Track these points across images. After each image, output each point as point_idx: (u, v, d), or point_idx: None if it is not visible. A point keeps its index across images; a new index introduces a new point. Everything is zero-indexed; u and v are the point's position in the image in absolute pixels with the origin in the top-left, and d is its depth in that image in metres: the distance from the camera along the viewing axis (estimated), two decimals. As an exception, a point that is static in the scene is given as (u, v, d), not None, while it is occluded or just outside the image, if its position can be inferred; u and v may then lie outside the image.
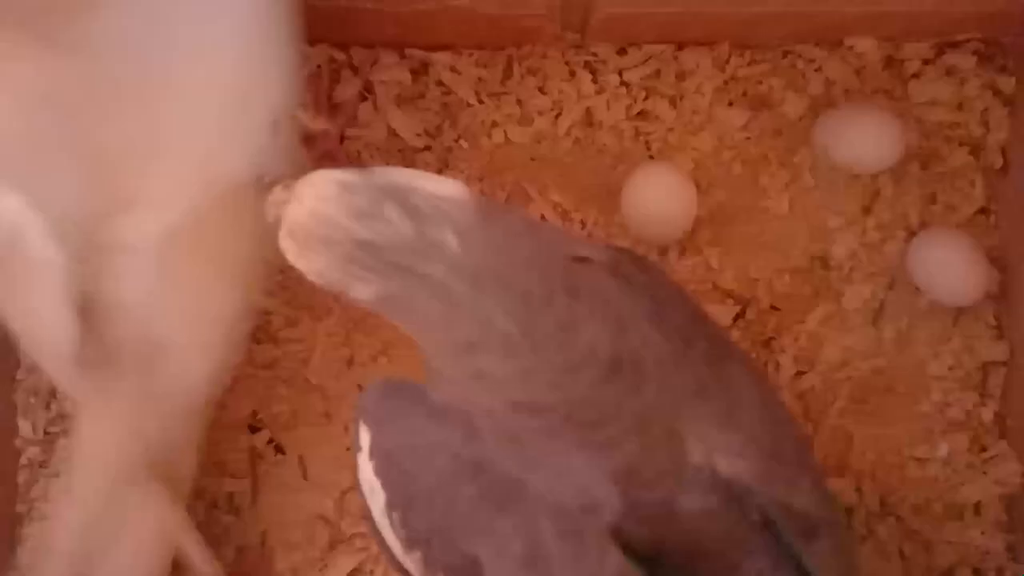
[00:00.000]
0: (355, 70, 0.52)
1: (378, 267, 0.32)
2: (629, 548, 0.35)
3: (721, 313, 0.51)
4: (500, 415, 0.35)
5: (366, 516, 0.38)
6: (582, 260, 0.36)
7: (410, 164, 0.52)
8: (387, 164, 0.52)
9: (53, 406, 0.51)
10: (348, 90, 0.52)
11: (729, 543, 0.37)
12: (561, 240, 0.38)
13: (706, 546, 0.37)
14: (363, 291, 0.32)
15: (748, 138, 0.53)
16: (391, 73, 0.52)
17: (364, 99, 0.52)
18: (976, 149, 0.53)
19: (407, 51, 0.53)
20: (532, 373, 0.33)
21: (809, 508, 0.38)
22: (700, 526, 0.36)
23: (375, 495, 0.38)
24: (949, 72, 0.53)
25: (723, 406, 0.37)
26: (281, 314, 0.51)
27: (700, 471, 0.36)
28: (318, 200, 0.32)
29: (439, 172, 0.52)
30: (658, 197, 0.49)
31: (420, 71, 0.53)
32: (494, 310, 0.32)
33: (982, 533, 0.50)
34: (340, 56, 0.52)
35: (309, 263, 0.33)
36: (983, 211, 0.53)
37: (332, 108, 0.52)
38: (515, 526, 0.36)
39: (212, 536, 0.49)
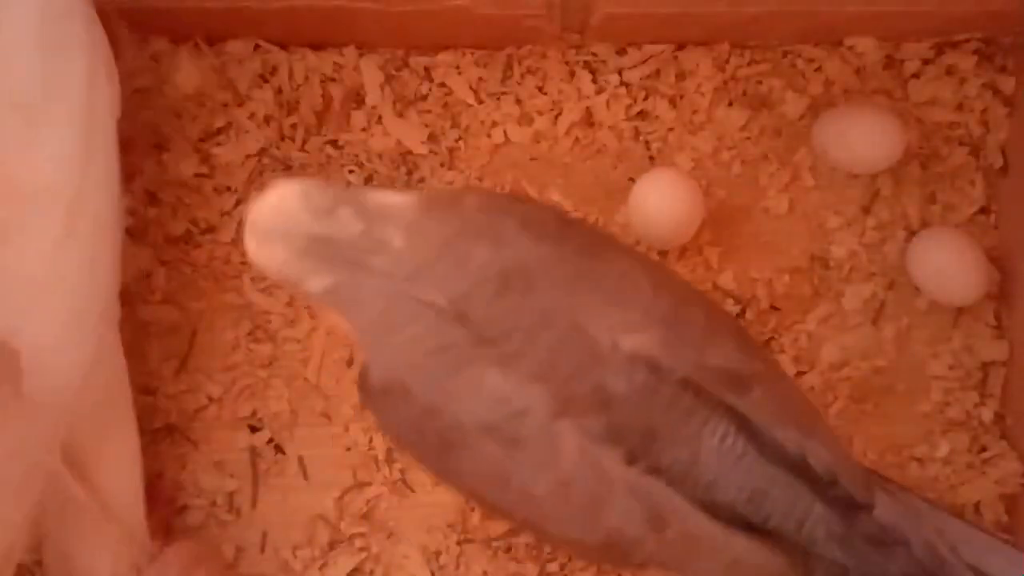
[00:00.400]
0: (352, 71, 0.52)
1: (330, 260, 0.36)
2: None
3: (721, 313, 0.51)
4: (422, 364, 0.38)
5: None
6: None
7: (410, 166, 0.52)
8: (387, 166, 0.52)
9: None
10: (343, 92, 0.52)
11: (678, 415, 0.38)
12: (449, 196, 0.41)
13: (659, 424, 0.37)
14: (316, 283, 0.37)
15: (748, 138, 0.53)
16: (390, 74, 0.52)
17: (361, 102, 0.52)
18: (976, 149, 0.53)
19: (406, 51, 0.53)
20: (442, 312, 0.37)
21: (730, 364, 0.38)
22: (641, 405, 0.37)
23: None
24: (949, 72, 0.53)
25: (610, 287, 0.39)
26: (280, 314, 0.51)
27: (614, 352, 0.37)
28: (280, 198, 0.37)
29: (440, 172, 0.52)
30: (667, 203, 0.48)
31: (420, 71, 0.53)
32: (431, 295, 0.37)
33: (982, 533, 0.50)
34: (338, 58, 0.52)
35: (268, 257, 0.37)
36: (983, 211, 0.52)
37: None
38: (471, 459, 0.38)
39: (212, 536, 0.50)
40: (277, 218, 0.37)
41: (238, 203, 0.51)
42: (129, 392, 0.46)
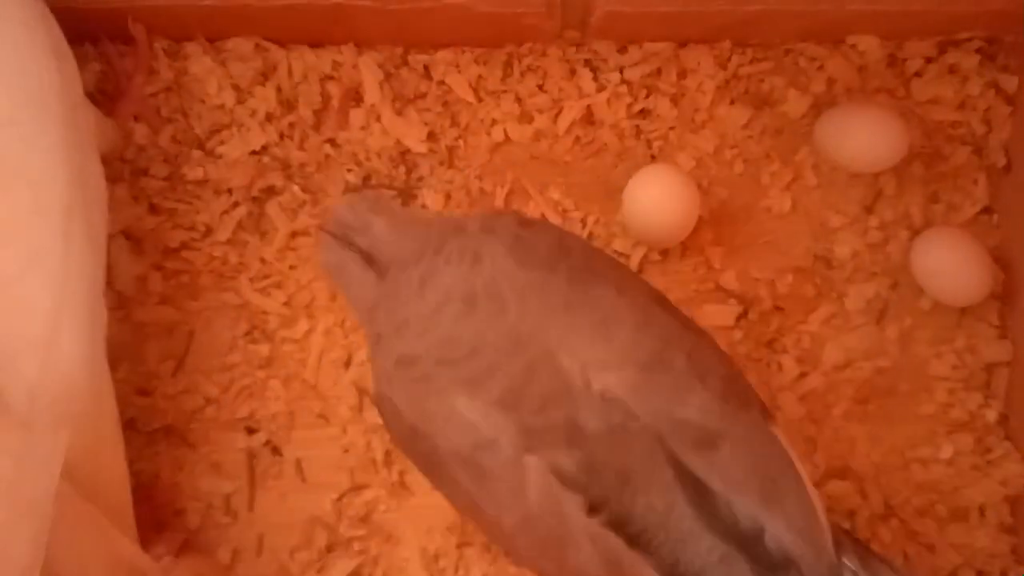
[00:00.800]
0: (351, 69, 0.52)
1: (339, 239, 0.42)
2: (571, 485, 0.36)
3: (724, 314, 0.51)
4: (394, 375, 0.39)
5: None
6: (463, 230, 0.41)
7: (410, 164, 0.52)
8: (386, 164, 0.52)
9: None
10: (341, 91, 0.52)
11: (654, 462, 0.36)
12: (453, 221, 0.43)
13: (633, 468, 0.36)
14: (327, 259, 0.43)
15: (750, 137, 0.52)
16: (389, 72, 0.52)
17: (360, 100, 0.52)
18: (979, 148, 0.52)
19: (406, 50, 0.52)
20: (403, 326, 0.38)
21: (701, 419, 0.36)
22: (616, 445, 0.36)
23: None
24: (951, 70, 0.53)
25: (591, 321, 0.37)
26: (278, 314, 0.50)
27: (587, 388, 0.36)
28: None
29: (439, 171, 0.52)
30: (660, 200, 0.48)
31: (419, 69, 0.52)
32: (393, 279, 0.40)
33: (986, 535, 0.50)
34: (337, 56, 0.52)
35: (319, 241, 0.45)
36: (986, 210, 0.52)
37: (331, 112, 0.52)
38: (445, 483, 0.39)
39: (209, 538, 0.49)
40: (331, 216, 0.43)
41: (236, 204, 0.51)
42: (114, 398, 0.46)
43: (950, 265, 0.50)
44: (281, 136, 0.51)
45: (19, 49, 0.39)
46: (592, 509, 0.36)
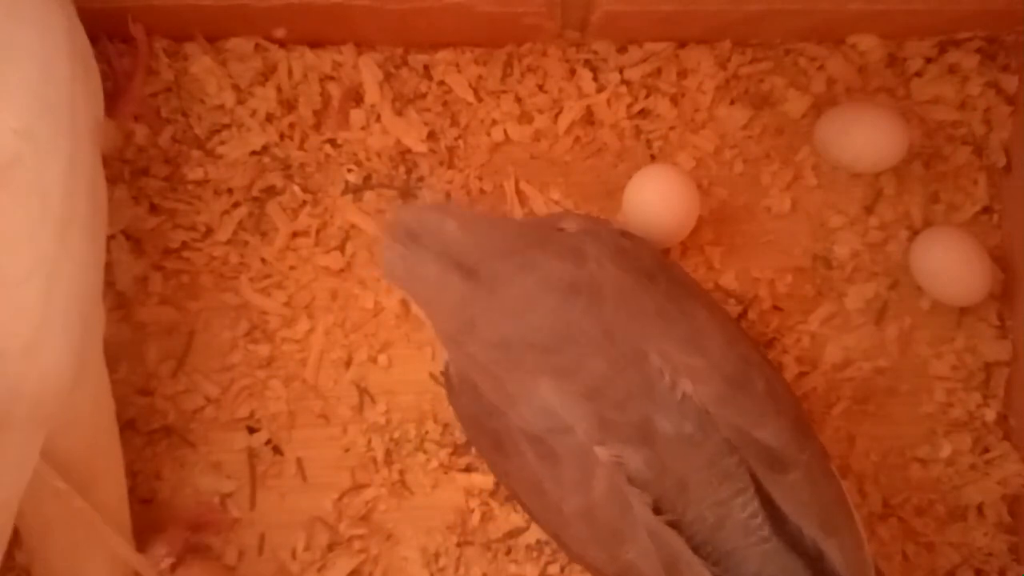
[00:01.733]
0: (351, 69, 0.52)
1: (404, 241, 0.41)
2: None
3: (722, 313, 0.51)
4: (482, 359, 0.40)
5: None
6: (560, 230, 0.43)
7: (410, 164, 0.52)
8: (386, 164, 0.52)
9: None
10: (342, 91, 0.52)
11: (713, 477, 0.38)
12: (546, 220, 0.45)
13: (693, 480, 0.38)
14: (392, 264, 0.42)
15: (750, 137, 0.52)
16: (389, 72, 0.52)
17: (360, 100, 0.52)
18: (979, 148, 0.52)
19: (406, 50, 0.52)
20: (502, 310, 0.39)
21: (776, 444, 0.38)
22: (681, 454, 0.38)
23: None
24: (952, 70, 0.53)
25: (684, 332, 0.39)
26: (278, 314, 0.50)
27: (671, 391, 0.38)
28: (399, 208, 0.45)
29: (439, 171, 0.51)
30: (660, 200, 0.48)
31: (419, 69, 0.52)
32: (491, 271, 0.40)
33: (985, 534, 0.50)
34: (337, 56, 0.52)
35: (379, 250, 0.45)
36: (986, 210, 0.52)
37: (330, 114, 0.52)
38: (514, 464, 0.40)
39: (209, 539, 0.49)
40: (390, 222, 0.43)
41: (236, 204, 0.51)
42: (111, 399, 0.46)
43: (950, 265, 0.50)
44: (281, 136, 0.51)
45: (46, 61, 0.39)
46: (656, 509, 0.38)
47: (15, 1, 0.39)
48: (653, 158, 0.52)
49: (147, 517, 0.48)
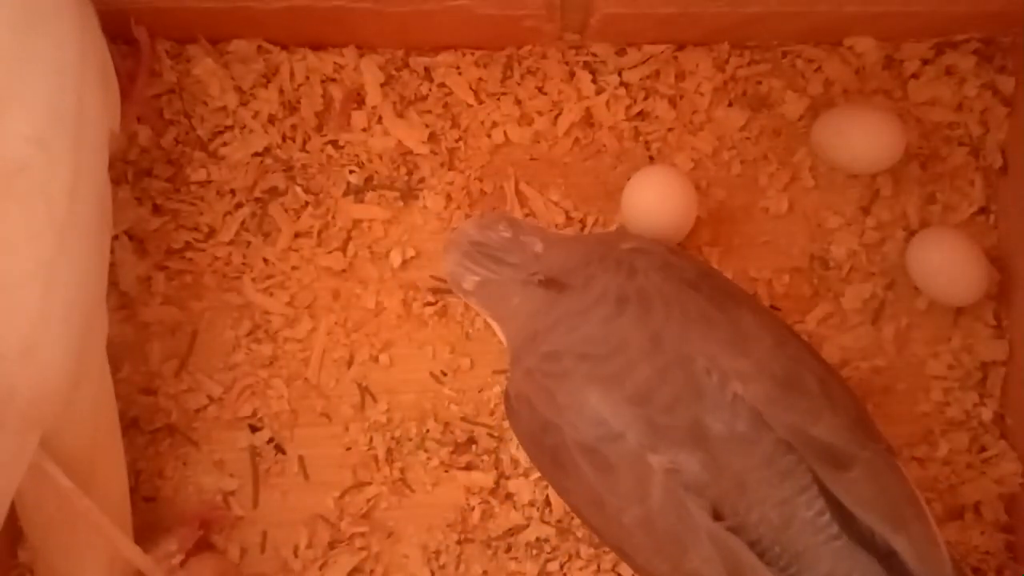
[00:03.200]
0: (352, 71, 0.52)
1: (481, 260, 0.44)
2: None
3: (721, 313, 0.51)
4: (536, 371, 0.41)
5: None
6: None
7: (411, 166, 0.52)
8: (387, 166, 0.52)
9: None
10: (343, 93, 0.52)
11: (773, 475, 0.38)
12: (608, 236, 0.48)
13: (751, 479, 0.38)
14: (469, 281, 0.44)
15: (747, 138, 0.53)
16: (390, 74, 0.52)
17: (362, 102, 0.52)
18: (975, 149, 0.53)
19: (407, 52, 0.53)
20: (556, 323, 0.41)
21: (834, 440, 0.38)
22: (737, 453, 0.38)
23: None
24: (948, 72, 0.53)
25: (730, 335, 0.40)
26: (281, 314, 0.51)
27: (720, 391, 0.38)
28: (463, 222, 0.46)
29: (440, 172, 0.52)
30: (659, 200, 0.48)
31: (420, 72, 0.53)
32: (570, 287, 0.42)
33: (982, 533, 0.50)
34: (338, 58, 0.52)
35: (445, 262, 0.46)
36: (982, 211, 0.53)
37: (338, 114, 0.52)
38: (572, 479, 0.40)
39: (213, 536, 0.50)
40: (454, 233, 0.45)
41: (239, 205, 0.51)
42: (114, 402, 0.46)
43: (947, 265, 0.50)
44: (283, 138, 0.52)
45: (61, 71, 0.40)
46: (717, 512, 0.37)
47: (36, 13, 0.39)
48: (651, 159, 0.52)
49: (150, 515, 0.49)
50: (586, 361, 0.40)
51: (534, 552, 0.49)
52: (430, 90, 0.52)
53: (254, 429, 0.50)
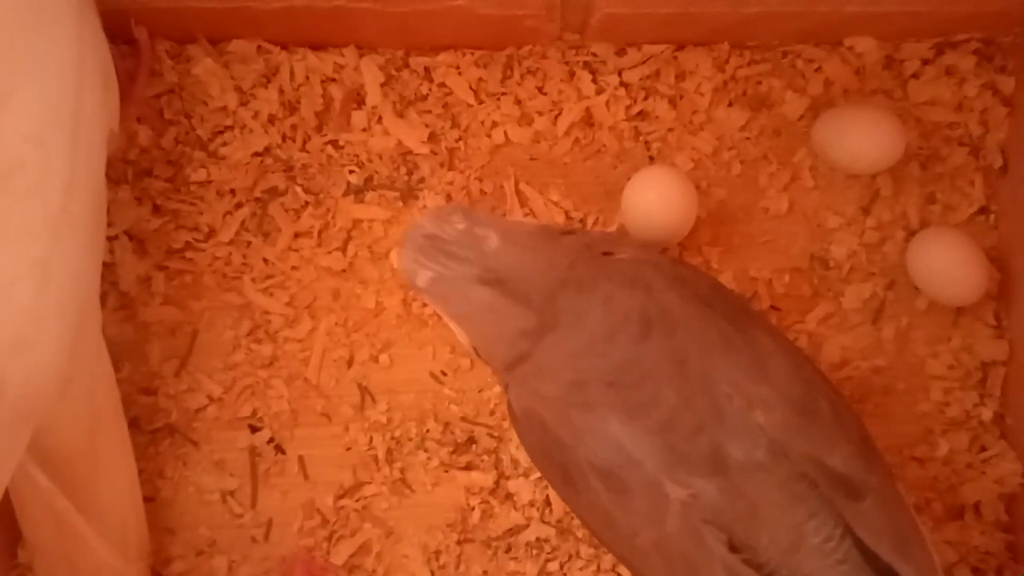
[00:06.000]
0: (352, 71, 0.52)
1: (434, 255, 0.40)
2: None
3: (721, 313, 0.51)
4: (550, 396, 0.40)
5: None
6: (608, 255, 0.42)
7: (411, 166, 0.52)
8: (387, 166, 0.52)
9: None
10: (343, 93, 0.52)
11: (785, 499, 0.38)
12: (595, 244, 0.43)
13: (764, 503, 0.37)
14: (422, 277, 0.41)
15: (747, 138, 0.53)
16: (390, 74, 0.52)
17: (362, 102, 0.52)
18: (976, 149, 0.53)
19: (407, 52, 0.53)
20: (579, 353, 0.39)
21: (848, 471, 0.38)
22: (753, 479, 0.37)
23: None
24: (948, 72, 0.53)
25: (749, 360, 0.39)
26: (280, 314, 0.51)
27: (741, 417, 0.38)
28: (419, 216, 0.44)
29: (440, 172, 0.52)
30: (659, 201, 0.48)
31: (420, 71, 0.53)
32: (527, 296, 0.40)
33: (982, 533, 0.50)
34: (338, 58, 0.52)
35: (398, 257, 0.43)
36: (983, 211, 0.53)
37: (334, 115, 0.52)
38: (584, 497, 0.40)
39: (212, 535, 0.50)
40: (410, 228, 0.42)
41: (239, 205, 0.51)
42: (119, 401, 0.46)
43: (947, 265, 0.50)
44: (283, 138, 0.52)
45: (61, 71, 0.40)
46: (730, 536, 0.37)
47: (33, 11, 0.39)
48: (652, 159, 0.52)
49: (150, 515, 0.49)
50: (613, 389, 0.39)
51: (534, 552, 0.49)
52: (430, 90, 0.52)
53: (254, 429, 0.50)
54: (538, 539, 0.49)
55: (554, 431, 0.40)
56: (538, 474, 0.49)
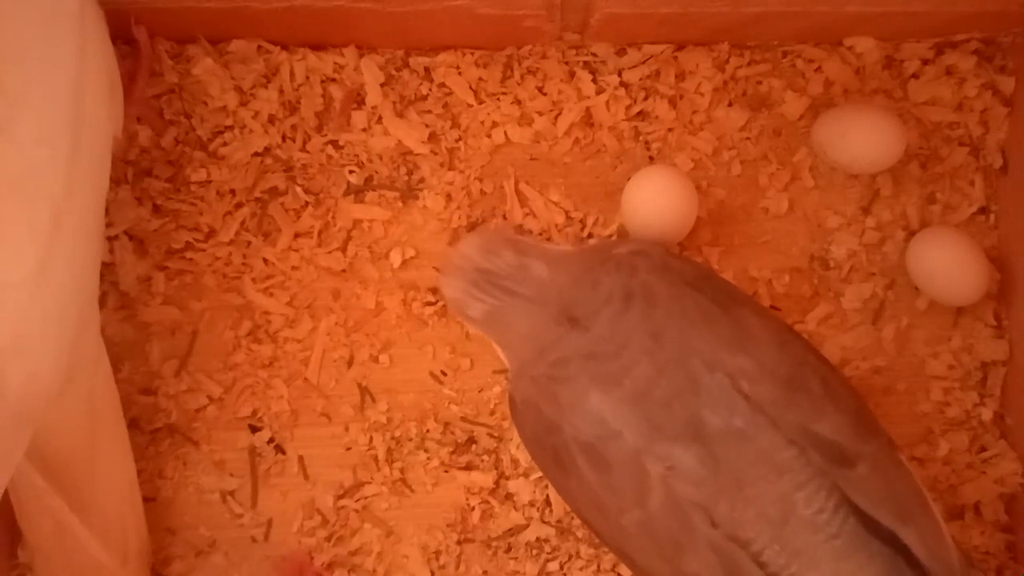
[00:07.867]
0: (352, 71, 0.52)
1: (489, 289, 0.44)
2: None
3: (721, 313, 0.51)
4: (543, 376, 0.41)
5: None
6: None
7: (411, 166, 0.52)
8: (387, 166, 0.52)
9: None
10: (343, 93, 0.52)
11: (770, 470, 0.38)
12: (606, 245, 0.47)
13: (748, 475, 0.38)
14: (476, 309, 0.44)
15: (747, 138, 0.53)
16: (390, 74, 0.52)
17: (362, 102, 0.52)
18: (975, 149, 0.53)
19: (407, 52, 0.53)
20: (568, 327, 0.41)
21: (838, 438, 0.38)
22: (734, 448, 0.38)
23: None
24: (948, 72, 0.53)
25: (733, 336, 0.40)
26: (281, 314, 0.51)
27: (718, 387, 0.38)
28: (464, 244, 0.45)
29: (440, 172, 0.52)
30: (659, 200, 0.48)
31: (420, 72, 0.53)
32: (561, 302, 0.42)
33: (982, 533, 0.50)
34: (338, 58, 0.52)
35: (446, 287, 0.45)
36: (983, 211, 0.53)
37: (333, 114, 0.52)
38: (573, 479, 0.41)
39: (212, 535, 0.50)
40: (456, 257, 0.45)
41: (239, 205, 0.51)
42: (118, 402, 0.46)
43: (947, 265, 0.50)
44: (283, 138, 0.52)
45: (70, 76, 0.40)
46: (715, 511, 0.38)
47: (36, 16, 0.39)
48: (652, 159, 0.52)
49: (150, 515, 0.49)
50: (592, 360, 0.40)
51: (534, 552, 0.49)
52: (430, 90, 0.52)
53: (254, 429, 0.50)
54: (538, 539, 0.49)
55: (546, 414, 0.41)
56: (538, 474, 0.49)
